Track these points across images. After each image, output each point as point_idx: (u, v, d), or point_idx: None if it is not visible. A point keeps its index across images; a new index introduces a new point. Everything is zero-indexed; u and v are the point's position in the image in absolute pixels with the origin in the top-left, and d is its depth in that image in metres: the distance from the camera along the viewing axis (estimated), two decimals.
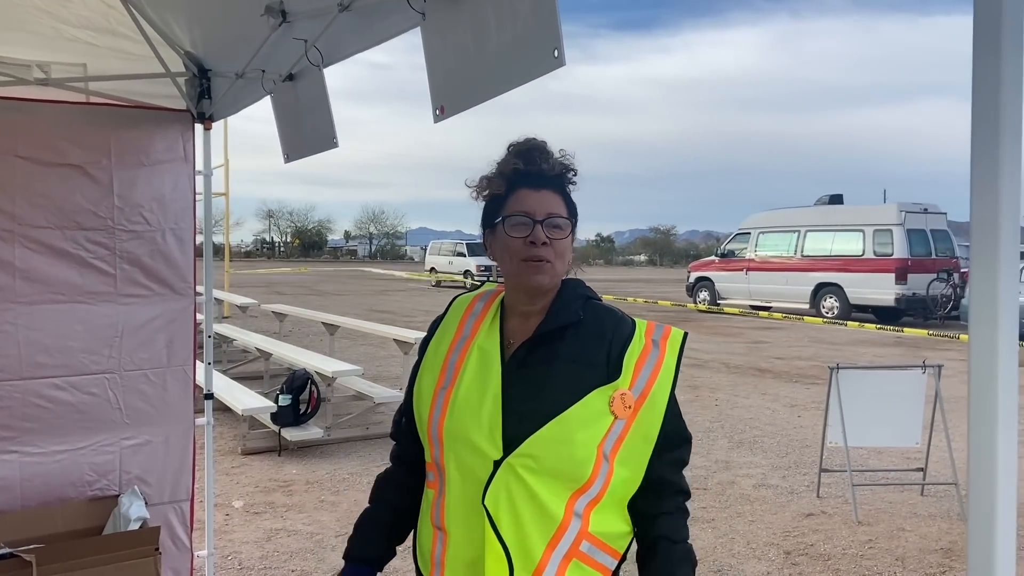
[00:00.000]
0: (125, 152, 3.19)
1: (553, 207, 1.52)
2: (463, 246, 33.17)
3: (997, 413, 0.92)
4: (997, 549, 0.92)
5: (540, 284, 1.51)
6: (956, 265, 18.25)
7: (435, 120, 1.93)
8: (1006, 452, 0.93)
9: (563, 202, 1.54)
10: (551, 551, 1.44)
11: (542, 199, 1.52)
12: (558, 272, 1.53)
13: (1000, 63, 0.88)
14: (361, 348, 12.55)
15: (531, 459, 1.43)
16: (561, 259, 1.52)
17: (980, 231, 0.92)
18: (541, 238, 1.49)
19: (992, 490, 0.93)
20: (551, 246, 1.50)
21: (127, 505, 3.06)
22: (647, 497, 1.51)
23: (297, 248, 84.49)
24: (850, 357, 11.88)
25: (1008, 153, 0.89)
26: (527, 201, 1.52)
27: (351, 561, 1.69)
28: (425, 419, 1.56)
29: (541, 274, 1.50)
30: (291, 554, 4.43)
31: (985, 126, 0.90)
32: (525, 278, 1.51)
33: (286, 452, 6.54)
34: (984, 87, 0.90)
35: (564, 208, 1.54)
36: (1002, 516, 0.93)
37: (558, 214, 1.52)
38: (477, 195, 1.60)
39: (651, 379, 1.49)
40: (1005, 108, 0.88)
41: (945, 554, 4.46)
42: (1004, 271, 0.90)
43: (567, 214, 1.54)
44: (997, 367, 0.92)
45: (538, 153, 1.54)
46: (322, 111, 2.50)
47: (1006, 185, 0.89)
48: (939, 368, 5.26)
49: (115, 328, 3.21)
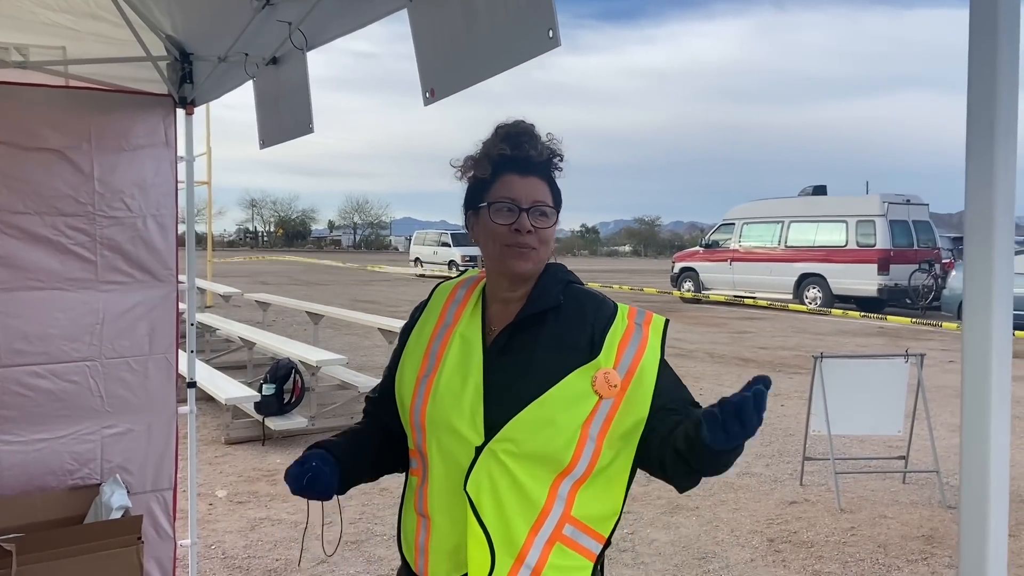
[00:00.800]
0: (105, 137, 3.14)
1: (539, 194, 1.51)
2: (448, 236, 33.13)
3: (990, 404, 0.92)
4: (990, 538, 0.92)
5: (523, 270, 1.51)
6: (938, 256, 18.38)
7: (425, 103, 1.90)
8: (998, 442, 0.92)
9: (549, 189, 1.54)
10: (534, 535, 1.44)
11: (528, 186, 1.51)
12: (542, 259, 1.53)
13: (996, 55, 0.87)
14: (345, 337, 12.50)
15: (512, 443, 1.43)
16: (545, 246, 1.52)
17: (975, 223, 0.91)
18: (527, 226, 1.49)
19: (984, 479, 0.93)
20: (536, 234, 1.50)
21: (108, 494, 3.03)
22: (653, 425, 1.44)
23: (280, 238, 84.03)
24: (833, 347, 11.96)
25: (1003, 145, 0.88)
26: (513, 187, 1.51)
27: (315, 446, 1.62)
28: (408, 406, 1.56)
29: (524, 260, 1.50)
30: (275, 543, 4.41)
31: (981, 118, 0.89)
32: (508, 263, 1.51)
33: (270, 441, 6.51)
34: (979, 79, 0.88)
35: (550, 195, 1.53)
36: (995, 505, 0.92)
37: (544, 202, 1.51)
38: (461, 176, 1.59)
39: (636, 358, 1.48)
40: (1001, 100, 0.88)
41: (926, 541, 4.50)
42: (999, 263, 0.90)
43: (552, 202, 1.53)
44: (991, 358, 0.92)
45: (527, 138, 1.52)
46: (301, 96, 2.47)
47: (1001, 177, 0.89)
48: (921, 357, 5.29)
49: (96, 315, 3.17)
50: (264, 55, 2.53)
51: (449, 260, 31.52)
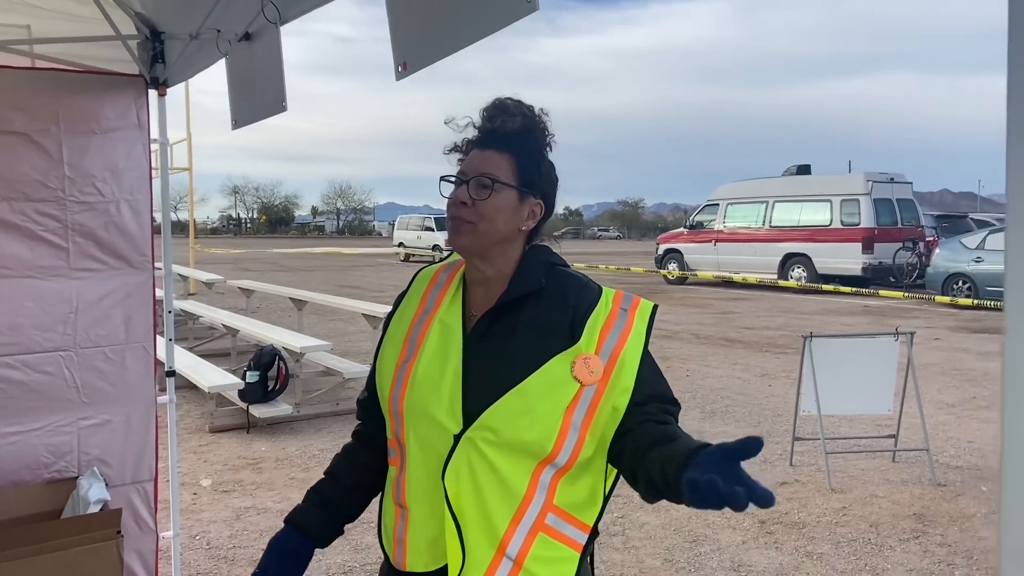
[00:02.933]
0: (74, 119, 3.03)
1: (489, 166, 1.44)
2: (431, 220, 32.95)
3: None
4: None
5: (458, 244, 1.46)
6: (922, 234, 18.44)
7: (397, 77, 1.82)
8: None
9: (510, 162, 1.45)
10: (515, 525, 1.39)
11: (482, 159, 1.46)
12: (482, 233, 1.44)
13: None
14: (330, 324, 12.40)
15: (490, 432, 1.37)
16: (487, 221, 1.43)
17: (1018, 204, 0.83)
18: (461, 198, 1.44)
19: None
20: (473, 207, 1.43)
21: (86, 487, 2.94)
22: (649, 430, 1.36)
23: (264, 224, 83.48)
24: (819, 326, 11.97)
25: None
26: (470, 162, 1.47)
27: (286, 523, 1.63)
28: (386, 394, 1.50)
29: (458, 235, 1.45)
30: (261, 532, 4.33)
31: None
32: (449, 238, 1.48)
33: (255, 429, 6.43)
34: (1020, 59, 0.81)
35: (507, 168, 1.45)
36: None
37: (489, 173, 1.43)
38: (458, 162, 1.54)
39: (619, 343, 1.41)
40: None
41: (918, 519, 4.48)
42: None
43: (509, 175, 1.45)
44: None
45: (496, 112, 1.47)
46: (274, 73, 2.38)
47: None
48: (911, 335, 5.27)
49: (69, 304, 3.07)
50: (236, 31, 2.43)
51: (433, 244, 31.36)
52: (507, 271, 1.50)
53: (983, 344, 10.59)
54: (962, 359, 9.48)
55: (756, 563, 3.94)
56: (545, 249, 1.55)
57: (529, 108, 1.49)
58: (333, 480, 1.65)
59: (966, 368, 8.94)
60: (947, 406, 7.13)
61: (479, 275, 1.51)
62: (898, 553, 4.04)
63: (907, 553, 4.04)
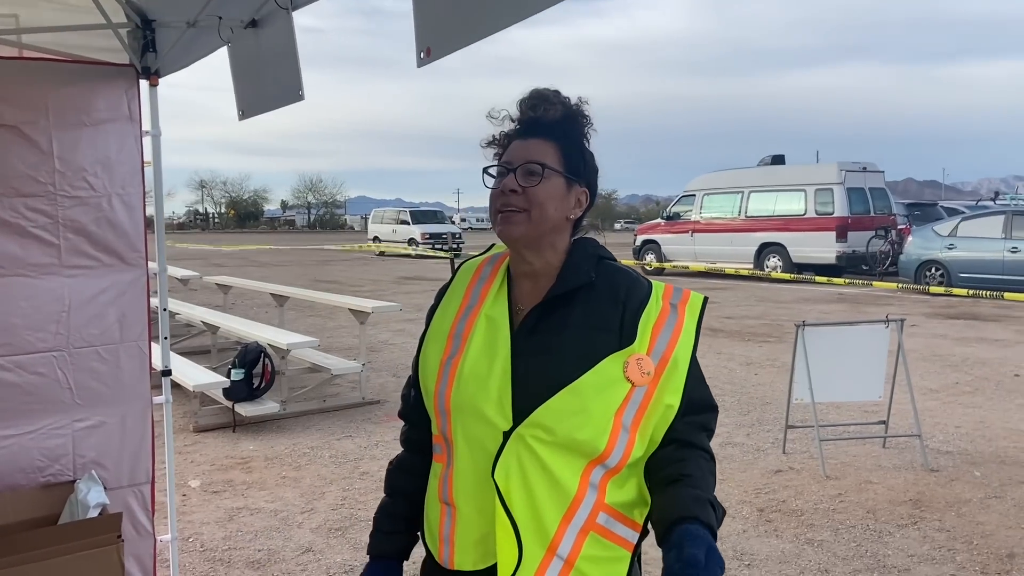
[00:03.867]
0: (65, 111, 2.93)
1: (535, 154, 1.42)
2: (407, 214, 32.79)
3: None
4: None
5: (511, 235, 1.42)
6: (894, 222, 18.66)
7: (419, 64, 1.76)
8: None
9: (556, 149, 1.43)
10: (566, 524, 1.36)
11: (527, 147, 1.43)
12: (534, 221, 1.41)
13: None
14: (309, 319, 12.27)
15: (542, 430, 1.34)
16: (538, 207, 1.40)
17: None
18: (510, 185, 1.40)
19: None
20: (523, 194, 1.40)
21: (84, 491, 2.85)
22: (669, 457, 1.39)
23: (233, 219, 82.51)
24: (797, 314, 12.05)
25: None
26: (513, 151, 1.44)
27: (373, 559, 1.61)
28: (432, 391, 1.47)
29: (509, 224, 1.41)
30: (256, 533, 4.25)
31: None
32: (499, 229, 1.43)
33: (241, 428, 6.32)
34: None
35: (554, 156, 1.43)
36: None
37: (537, 160, 1.41)
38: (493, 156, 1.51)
39: (671, 344, 1.40)
40: None
41: (914, 505, 4.51)
42: None
43: (556, 162, 1.42)
44: None
45: (535, 101, 1.44)
46: (288, 60, 2.30)
47: None
48: (901, 322, 5.30)
49: (61, 302, 2.97)
50: (242, 17, 2.35)
51: (409, 238, 31.18)
52: (555, 263, 1.46)
53: (959, 330, 10.73)
54: (941, 345, 9.60)
55: (758, 551, 3.94)
56: (593, 242, 1.52)
57: (567, 97, 1.47)
58: (400, 498, 1.61)
59: (945, 354, 9.04)
60: (931, 392, 7.20)
61: (527, 267, 1.47)
62: (897, 539, 4.06)
63: (907, 539, 4.06)
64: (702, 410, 1.44)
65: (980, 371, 8.15)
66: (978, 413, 6.51)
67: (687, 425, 1.41)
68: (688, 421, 1.41)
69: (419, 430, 1.57)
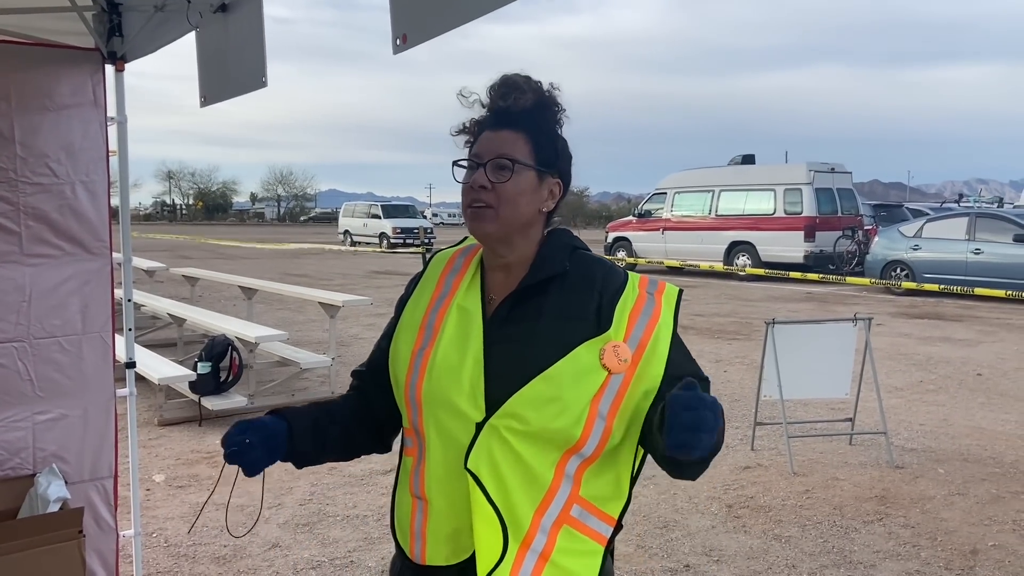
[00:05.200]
0: (27, 95, 2.85)
1: (505, 147, 1.38)
2: (378, 208, 32.59)
3: None
4: None
5: (481, 231, 1.40)
6: (860, 223, 18.90)
7: (395, 51, 1.73)
8: None
9: (526, 141, 1.40)
10: (540, 517, 1.34)
11: (497, 140, 1.39)
12: (503, 218, 1.38)
13: None
14: (279, 312, 12.14)
15: (515, 420, 1.32)
16: (508, 204, 1.38)
17: None
18: (479, 181, 1.38)
19: None
20: (493, 190, 1.37)
21: (45, 485, 2.79)
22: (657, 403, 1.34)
23: (201, 211, 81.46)
24: (766, 312, 12.16)
25: None
26: (483, 143, 1.40)
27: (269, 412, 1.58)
28: (402, 382, 1.43)
29: (480, 221, 1.39)
30: (221, 528, 4.19)
31: None
32: (470, 226, 1.41)
33: (207, 422, 6.23)
34: None
35: (525, 148, 1.39)
36: None
37: (507, 154, 1.38)
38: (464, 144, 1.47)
39: (648, 330, 1.38)
40: None
41: (880, 501, 4.56)
42: None
43: (527, 155, 1.39)
44: None
45: (504, 89, 1.40)
46: (254, 46, 2.26)
47: None
48: (869, 321, 5.36)
49: (22, 292, 2.90)
50: (211, 2, 2.30)
51: (380, 232, 30.99)
52: (528, 255, 1.45)
53: (924, 330, 10.89)
54: (905, 344, 9.74)
55: (727, 547, 3.96)
56: (567, 232, 1.50)
57: (538, 83, 1.43)
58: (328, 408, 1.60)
59: (910, 352, 9.17)
60: (896, 389, 7.29)
61: (500, 261, 1.45)
62: (863, 535, 4.11)
63: (872, 535, 4.11)
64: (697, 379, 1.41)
65: (944, 370, 8.28)
66: (942, 411, 6.61)
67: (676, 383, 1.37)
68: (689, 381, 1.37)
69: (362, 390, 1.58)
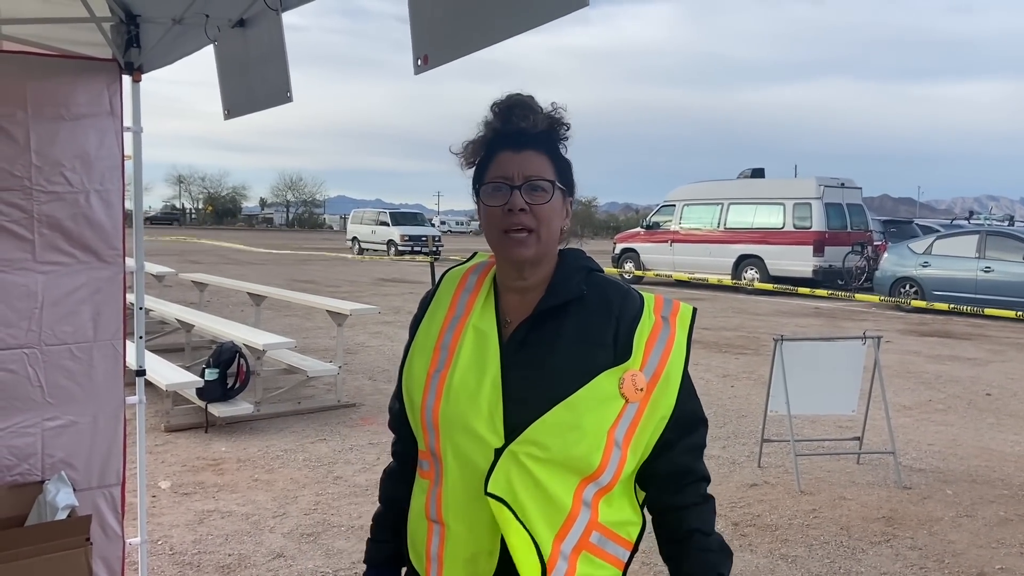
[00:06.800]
0: (43, 104, 2.87)
1: (533, 168, 1.38)
2: (386, 215, 32.68)
3: None
4: None
5: (522, 257, 1.38)
6: (870, 238, 18.84)
7: (416, 71, 1.74)
8: None
9: (549, 162, 1.40)
10: (559, 544, 1.34)
11: (522, 161, 1.38)
12: (543, 241, 1.39)
13: None
14: (286, 319, 12.17)
15: (536, 447, 1.31)
16: (546, 226, 1.38)
17: None
18: (519, 204, 1.36)
19: None
20: (531, 212, 1.37)
21: (53, 492, 2.80)
22: (668, 489, 1.41)
23: (210, 215, 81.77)
24: (774, 327, 12.13)
25: None
26: (506, 165, 1.39)
27: (371, 566, 1.60)
28: (418, 405, 1.43)
29: (522, 247, 1.37)
30: (226, 537, 4.19)
31: None
32: (506, 251, 1.39)
33: (213, 429, 6.24)
34: None
35: (550, 169, 1.40)
36: None
37: (538, 176, 1.38)
38: (464, 164, 1.46)
39: (663, 359, 1.38)
40: None
41: (887, 522, 4.54)
42: None
43: (553, 175, 1.40)
44: None
45: (519, 110, 1.40)
46: (276, 61, 2.27)
47: None
48: (878, 339, 5.34)
49: (34, 299, 2.92)
50: (229, 16, 2.31)
51: (388, 240, 31.04)
52: (546, 275, 1.44)
53: (933, 348, 10.85)
54: (914, 362, 9.69)
55: (733, 565, 3.93)
56: (580, 253, 1.49)
57: (550, 103, 1.44)
58: (396, 507, 1.58)
59: (919, 371, 9.13)
60: (904, 408, 7.26)
61: (522, 283, 1.43)
62: (871, 556, 4.08)
63: (879, 556, 4.08)
64: (694, 424, 1.43)
65: (953, 389, 8.23)
66: (950, 431, 6.57)
67: (683, 451, 1.40)
68: (683, 446, 1.40)
69: (404, 442, 1.55)
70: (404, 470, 1.56)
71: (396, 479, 1.59)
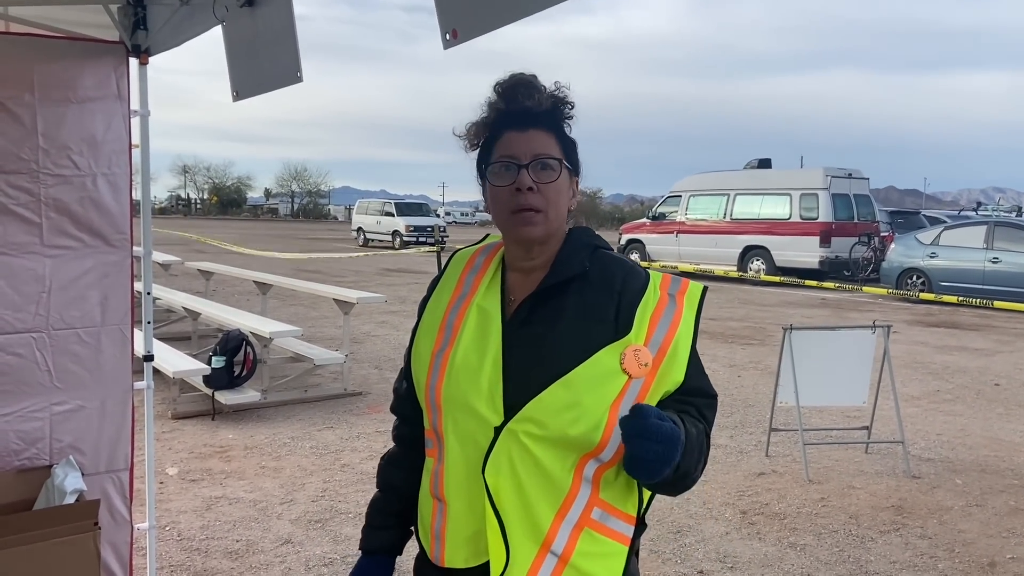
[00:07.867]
0: (50, 87, 2.85)
1: (540, 147, 1.37)
2: (391, 205, 32.64)
3: None
4: None
5: (530, 236, 1.37)
6: (877, 229, 18.78)
7: (445, 46, 1.71)
8: None
9: (555, 141, 1.39)
10: (560, 521, 1.33)
11: (529, 140, 1.37)
12: (552, 220, 1.38)
13: None
14: (292, 308, 12.17)
15: (534, 424, 1.30)
16: (554, 205, 1.37)
17: None
18: (527, 183, 1.35)
19: None
20: (540, 192, 1.35)
21: (61, 476, 2.79)
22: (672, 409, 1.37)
23: (215, 205, 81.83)
24: (780, 318, 12.09)
25: None
26: (512, 144, 1.37)
27: (366, 553, 1.58)
28: (423, 383, 1.43)
29: (531, 225, 1.36)
30: (234, 523, 4.19)
31: None
32: (515, 231, 1.38)
33: (220, 416, 6.24)
34: None
35: (556, 147, 1.39)
36: None
37: (546, 154, 1.37)
38: (468, 146, 1.45)
39: (669, 334, 1.36)
40: None
41: (896, 511, 4.52)
42: None
43: (560, 154, 1.38)
44: None
45: (523, 89, 1.38)
46: (286, 41, 2.24)
47: None
48: (888, 328, 5.31)
49: (41, 283, 2.90)
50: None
51: (393, 230, 31.02)
52: (552, 254, 1.43)
53: (940, 338, 10.80)
54: (921, 352, 9.66)
55: (741, 554, 3.92)
56: (588, 231, 1.48)
57: (553, 82, 1.43)
58: (391, 493, 1.58)
59: (926, 361, 9.10)
60: (912, 398, 7.23)
61: (528, 262, 1.42)
62: (880, 545, 4.06)
63: (889, 545, 4.06)
64: (705, 396, 1.41)
65: (961, 379, 8.20)
66: (959, 421, 6.54)
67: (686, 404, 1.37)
68: (689, 401, 1.38)
69: (410, 424, 1.54)
70: (405, 454, 1.56)
71: (395, 464, 1.59)
